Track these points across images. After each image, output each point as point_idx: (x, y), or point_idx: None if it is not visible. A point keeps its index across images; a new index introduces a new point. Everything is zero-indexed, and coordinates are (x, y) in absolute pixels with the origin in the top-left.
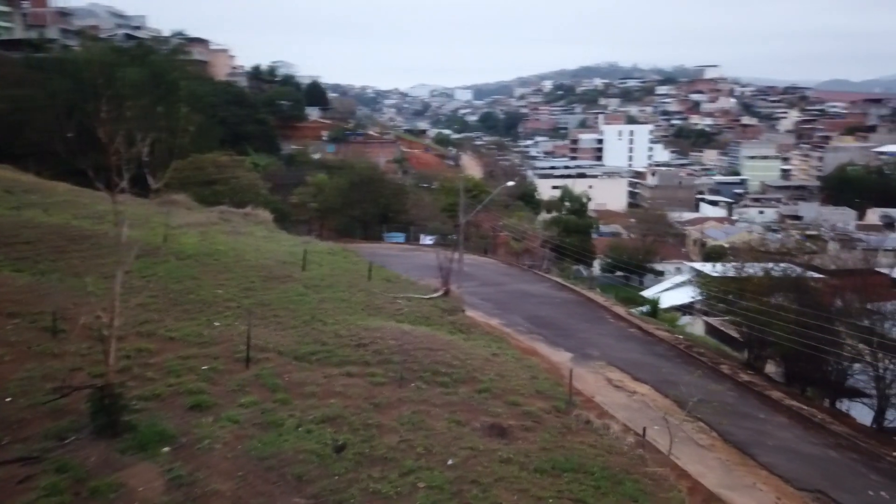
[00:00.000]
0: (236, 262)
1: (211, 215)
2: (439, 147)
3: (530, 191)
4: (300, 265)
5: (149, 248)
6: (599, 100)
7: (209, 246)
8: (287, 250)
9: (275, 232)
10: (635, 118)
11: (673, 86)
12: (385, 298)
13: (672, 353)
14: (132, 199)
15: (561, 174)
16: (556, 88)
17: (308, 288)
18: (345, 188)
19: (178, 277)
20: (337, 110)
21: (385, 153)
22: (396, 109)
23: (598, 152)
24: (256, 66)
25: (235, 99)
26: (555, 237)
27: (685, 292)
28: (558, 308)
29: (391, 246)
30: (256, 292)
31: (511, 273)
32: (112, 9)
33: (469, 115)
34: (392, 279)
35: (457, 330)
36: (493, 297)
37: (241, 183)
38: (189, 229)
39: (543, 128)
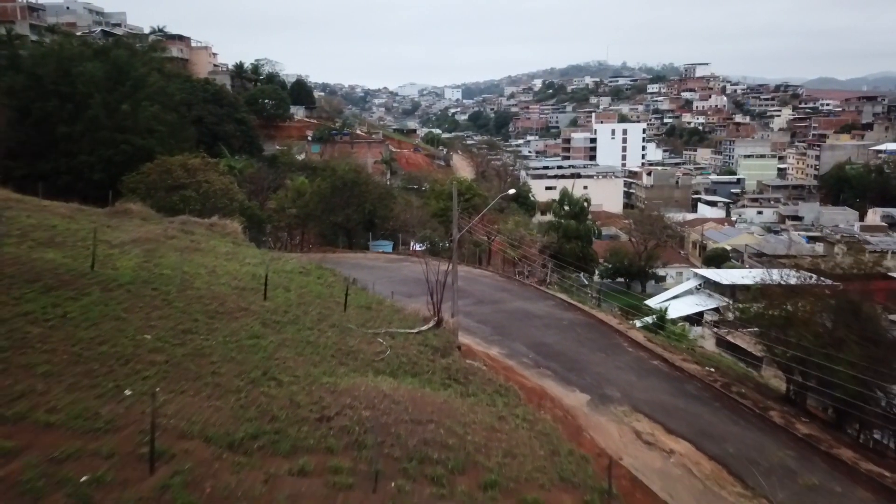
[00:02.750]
0: (181, 292)
1: (169, 227)
2: (429, 147)
3: (524, 192)
4: (262, 291)
5: (70, 276)
6: (590, 98)
7: (151, 270)
8: (250, 271)
9: (242, 246)
10: (627, 117)
11: (664, 84)
12: (363, 336)
13: (707, 395)
14: (79, 209)
15: (555, 174)
16: (545, 87)
17: (266, 325)
18: (326, 192)
19: (94, 318)
20: (323, 109)
21: (372, 153)
22: (386, 109)
23: (591, 151)
24: (239, 64)
25: (213, 97)
26: (554, 243)
27: (693, 301)
28: (566, 333)
29: (377, 256)
30: (196, 335)
31: (509, 288)
32: (90, 5)
33: (459, 115)
34: (373, 305)
35: (452, 380)
36: (490, 318)
37: (213, 188)
38: (133, 247)
39: (534, 127)
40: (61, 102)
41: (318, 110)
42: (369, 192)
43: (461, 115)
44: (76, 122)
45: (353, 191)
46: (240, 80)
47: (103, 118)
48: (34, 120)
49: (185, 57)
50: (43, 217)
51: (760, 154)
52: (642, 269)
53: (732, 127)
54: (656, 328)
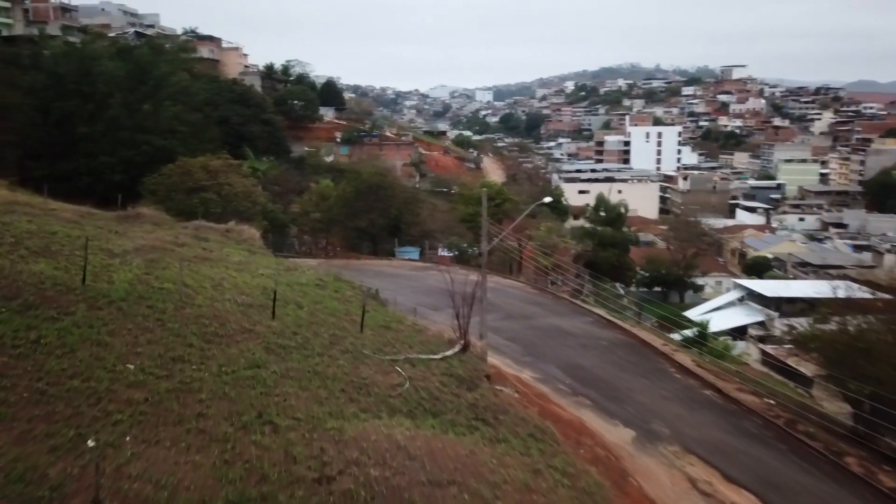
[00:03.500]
0: (178, 310)
1: (181, 233)
2: (459, 149)
3: (556, 196)
4: (270, 308)
5: (55, 292)
6: (623, 101)
7: (150, 283)
8: (261, 284)
9: (258, 254)
10: (661, 119)
11: (699, 86)
12: (379, 364)
13: (770, 434)
14: (89, 212)
15: (588, 178)
16: (578, 89)
17: (269, 351)
18: (350, 196)
19: (71, 344)
20: (353, 111)
21: (401, 155)
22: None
23: (624, 155)
24: (269, 65)
25: (239, 98)
26: (588, 251)
27: (737, 313)
28: (605, 354)
29: (402, 264)
30: (187, 365)
31: (541, 301)
32: (124, 7)
33: (490, 116)
34: (393, 325)
35: (479, 420)
36: (521, 336)
37: (234, 190)
38: (135, 257)
39: (566, 129)
40: (82, 102)
41: (348, 112)
42: (395, 197)
43: (492, 118)
44: (97, 122)
45: (377, 195)
46: (270, 81)
47: (124, 118)
48: (55, 120)
49: (215, 58)
50: (45, 222)
51: (801, 158)
52: (680, 279)
53: (771, 130)
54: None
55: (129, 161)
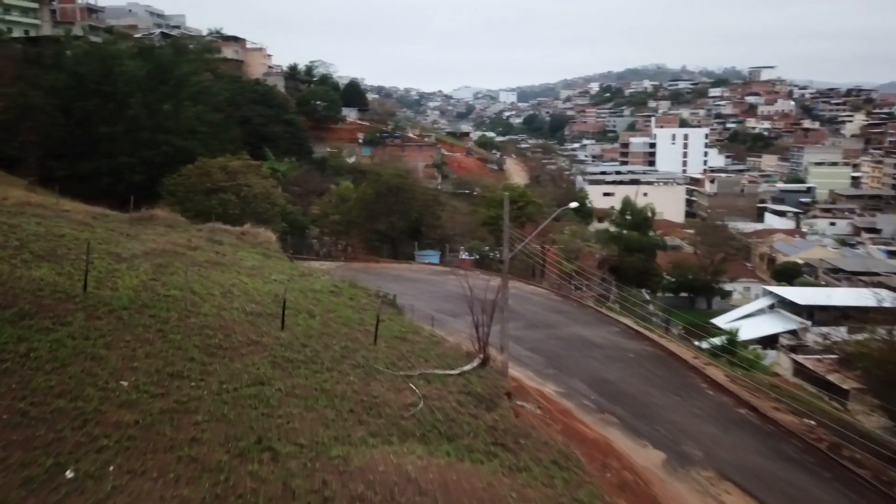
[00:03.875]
0: (182, 319)
1: (194, 236)
2: (482, 150)
3: (580, 198)
4: (280, 317)
5: (53, 300)
6: (648, 102)
7: (156, 290)
8: (273, 290)
9: (273, 258)
10: (687, 121)
11: (726, 88)
12: (392, 380)
13: (812, 459)
14: (102, 214)
15: (613, 180)
16: (602, 90)
17: (276, 366)
18: (369, 198)
19: (63, 358)
20: (376, 111)
21: (424, 157)
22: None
23: (650, 157)
24: (293, 66)
25: (262, 98)
26: (614, 256)
27: (767, 321)
28: (632, 367)
29: (422, 268)
30: (186, 381)
31: (565, 309)
32: (151, 8)
33: (513, 118)
34: (409, 335)
35: (498, 445)
36: (544, 346)
37: (253, 192)
38: (144, 261)
39: (590, 130)
40: (103, 102)
41: (371, 113)
42: (415, 199)
43: (515, 119)
44: (117, 121)
45: (397, 197)
46: (293, 82)
47: (144, 118)
48: (76, 119)
49: (239, 58)
50: (54, 224)
51: (832, 161)
52: (708, 284)
53: (800, 133)
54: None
55: (149, 161)
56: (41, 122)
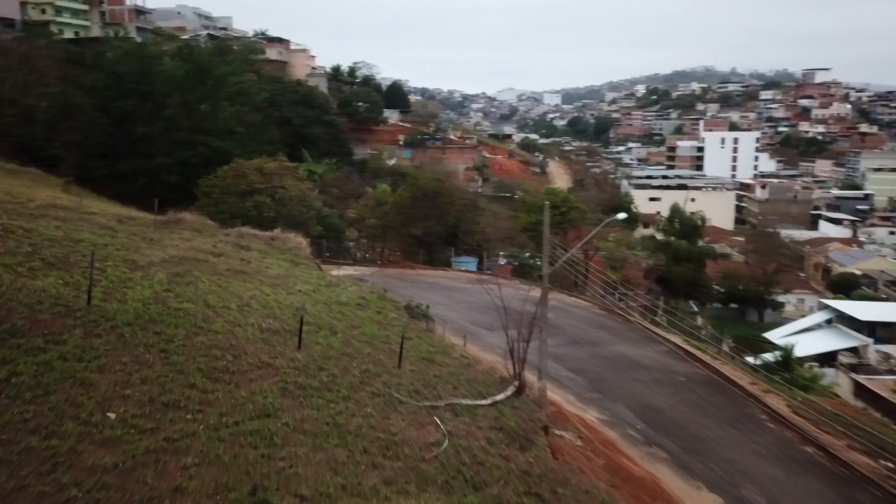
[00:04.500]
0: (189, 337)
1: (221, 241)
2: (525, 153)
3: (625, 203)
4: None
5: (52, 315)
6: (696, 105)
7: (168, 303)
8: (295, 303)
9: (301, 265)
10: (737, 125)
11: (778, 90)
12: (414, 412)
13: None
14: (129, 217)
15: (659, 184)
16: (649, 93)
17: (286, 393)
18: (405, 203)
19: (48, 383)
20: (417, 113)
21: (464, 159)
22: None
23: (697, 161)
24: (336, 67)
25: (302, 99)
26: (661, 265)
27: (825, 337)
28: (683, 393)
29: (458, 275)
30: (182, 412)
31: (609, 325)
32: (199, 10)
33: (557, 120)
34: (437, 357)
35: (532, 496)
36: (586, 366)
37: (288, 194)
38: (161, 269)
39: (636, 133)
40: (141, 102)
41: (413, 114)
42: (453, 204)
43: (559, 121)
44: (155, 122)
45: (434, 201)
46: (336, 83)
47: (181, 118)
48: (115, 119)
49: (283, 59)
50: (74, 228)
51: (892, 167)
52: (760, 296)
53: (857, 137)
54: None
55: (185, 162)
56: (81, 122)
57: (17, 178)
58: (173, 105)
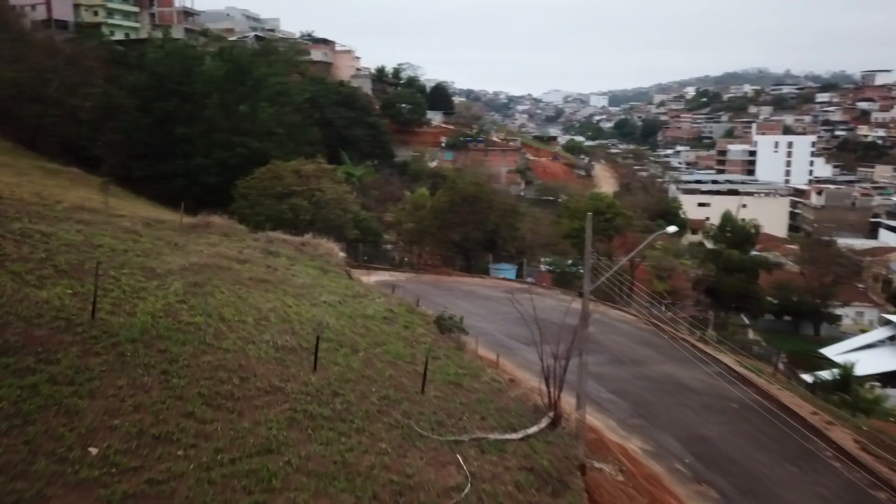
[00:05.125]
0: (195, 357)
1: (249, 247)
2: (570, 155)
3: (673, 209)
4: (321, 352)
5: (50, 330)
6: (749, 108)
7: (180, 316)
8: (318, 317)
9: (332, 272)
10: (791, 128)
11: (835, 93)
12: (434, 448)
13: None
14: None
15: (709, 189)
16: (699, 95)
17: (294, 424)
18: (443, 208)
19: (30, 411)
20: (461, 115)
21: (507, 162)
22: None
23: (749, 165)
24: (381, 68)
25: (345, 100)
26: (710, 276)
27: (888, 355)
28: (736, 423)
29: (496, 283)
30: (174, 447)
31: (656, 342)
32: (247, 12)
33: (604, 122)
34: (465, 380)
35: None
36: (630, 388)
37: (325, 197)
38: (178, 278)
39: (685, 136)
40: (181, 102)
41: (456, 116)
42: (492, 209)
43: (606, 123)
44: (194, 122)
45: (473, 206)
46: (380, 84)
47: (220, 119)
48: (155, 120)
49: (328, 60)
50: (97, 232)
51: None
52: (815, 309)
53: None
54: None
55: (223, 163)
56: (124, 122)
57: (56, 178)
58: (213, 106)
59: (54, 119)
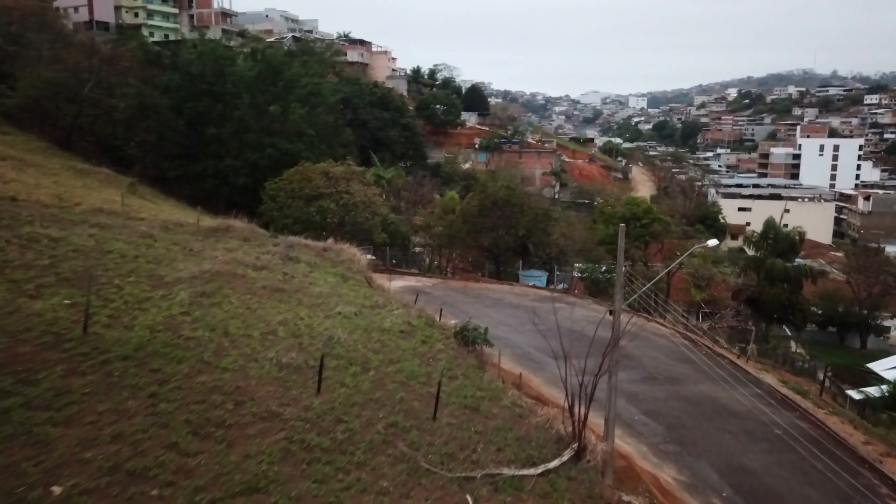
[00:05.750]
0: (190, 377)
1: (268, 252)
2: (607, 157)
3: (713, 213)
4: (329, 371)
5: (37, 346)
6: (793, 110)
7: (181, 329)
8: (330, 330)
9: (352, 280)
10: (837, 131)
11: (885, 94)
12: (442, 486)
13: None
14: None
15: (750, 193)
16: (741, 96)
17: (288, 456)
18: (472, 212)
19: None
20: (497, 116)
21: (542, 164)
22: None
23: (792, 169)
24: (416, 69)
25: (379, 101)
26: (752, 286)
27: None
28: (780, 452)
29: (526, 291)
30: (147, 485)
31: (693, 358)
32: (286, 14)
33: (642, 124)
34: (483, 404)
35: None
36: (664, 410)
37: (353, 199)
38: (188, 287)
39: (725, 139)
40: (213, 102)
41: (491, 117)
42: (523, 213)
43: (645, 125)
44: (225, 123)
45: (503, 211)
46: (416, 85)
47: (251, 119)
48: (187, 120)
49: (364, 61)
50: (110, 237)
51: None
52: (863, 320)
53: None
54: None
55: (253, 164)
56: (157, 123)
57: (85, 178)
58: (243, 106)
59: (90, 119)
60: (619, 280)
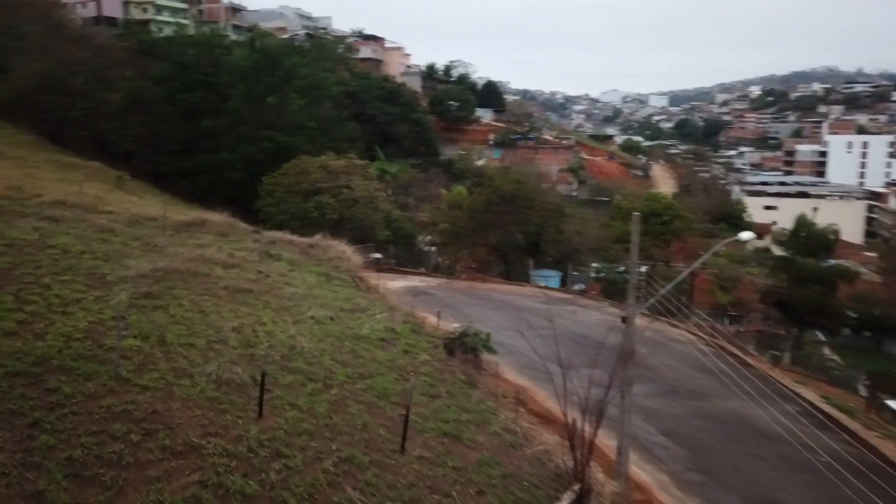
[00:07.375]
0: (97, 395)
1: (245, 248)
2: (626, 155)
3: (737, 211)
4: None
5: None
6: (818, 107)
7: (102, 338)
8: (299, 336)
9: (336, 279)
10: (865, 128)
11: None
12: None
13: None
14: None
15: (776, 192)
16: (764, 94)
17: None
18: (479, 207)
19: None
20: (513, 113)
21: (558, 160)
22: (586, 115)
23: (819, 166)
24: (431, 65)
25: (388, 95)
26: (782, 287)
27: None
28: (825, 485)
29: (536, 292)
30: None
31: (719, 369)
32: (300, 10)
33: (663, 122)
34: (468, 430)
35: None
36: (686, 430)
37: (354, 194)
38: (131, 287)
39: (749, 137)
40: (206, 93)
41: (507, 114)
42: (534, 209)
43: (666, 123)
44: (220, 115)
45: (513, 206)
46: (430, 81)
47: (246, 111)
48: (180, 112)
49: (377, 57)
50: (58, 230)
51: None
52: None
53: None
54: None
55: (249, 158)
56: (150, 115)
57: (70, 172)
58: (238, 97)
59: (84, 112)
60: (633, 280)
